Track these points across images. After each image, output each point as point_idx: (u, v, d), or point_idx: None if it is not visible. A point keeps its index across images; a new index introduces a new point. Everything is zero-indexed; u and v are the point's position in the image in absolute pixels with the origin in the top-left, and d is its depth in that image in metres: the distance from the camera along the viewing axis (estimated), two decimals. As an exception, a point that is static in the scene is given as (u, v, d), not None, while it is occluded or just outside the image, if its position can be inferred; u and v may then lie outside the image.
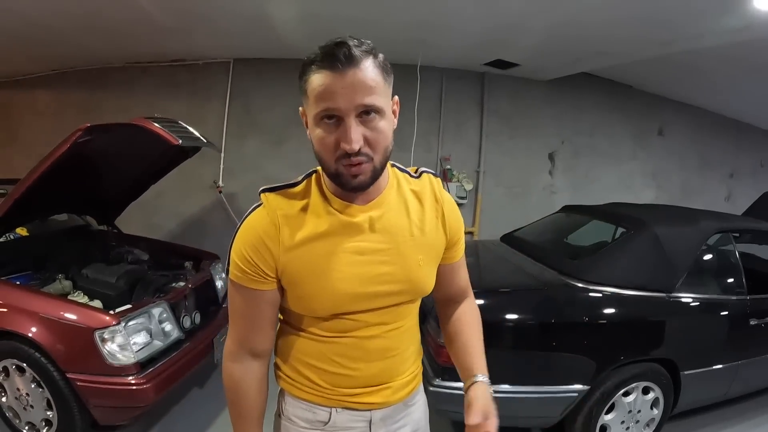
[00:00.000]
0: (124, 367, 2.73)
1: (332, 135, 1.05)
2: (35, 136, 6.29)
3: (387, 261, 1.20)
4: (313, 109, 1.06)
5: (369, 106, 1.04)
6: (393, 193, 1.24)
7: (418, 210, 1.27)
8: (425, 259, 1.27)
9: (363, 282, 1.18)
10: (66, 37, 4.98)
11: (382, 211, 1.20)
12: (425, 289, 1.30)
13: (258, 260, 1.15)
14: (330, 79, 1.02)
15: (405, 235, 1.23)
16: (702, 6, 3.53)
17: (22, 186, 3.06)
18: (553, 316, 2.88)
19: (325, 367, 1.25)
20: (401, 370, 1.34)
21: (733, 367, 3.29)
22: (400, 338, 1.31)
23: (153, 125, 2.99)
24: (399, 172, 1.30)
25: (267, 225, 1.15)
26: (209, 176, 6.04)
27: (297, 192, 1.20)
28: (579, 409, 2.90)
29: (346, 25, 4.44)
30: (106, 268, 3.64)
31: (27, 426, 2.98)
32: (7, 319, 2.82)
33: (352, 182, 1.09)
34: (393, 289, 1.22)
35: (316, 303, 1.19)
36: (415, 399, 1.43)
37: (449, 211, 1.33)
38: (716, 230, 3.39)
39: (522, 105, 6.46)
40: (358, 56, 1.02)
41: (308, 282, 1.17)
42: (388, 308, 1.24)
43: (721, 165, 7.59)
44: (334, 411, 1.28)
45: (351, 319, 1.22)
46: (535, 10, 3.90)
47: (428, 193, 1.30)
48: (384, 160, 1.12)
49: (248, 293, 1.19)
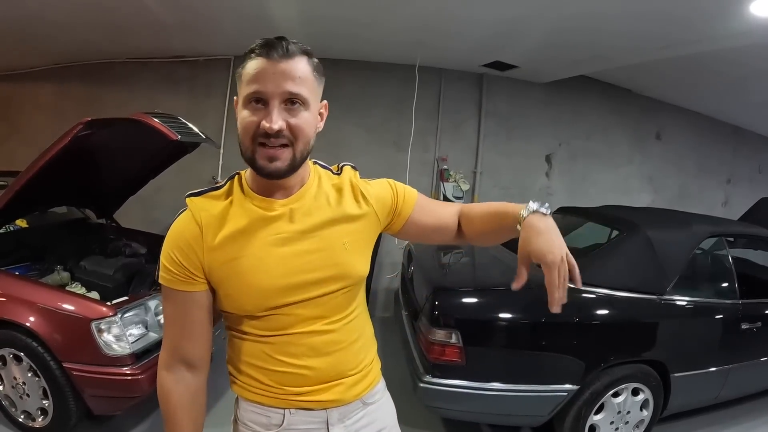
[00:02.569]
0: (120, 357, 2.75)
1: (255, 116, 1.10)
2: (36, 129, 6.30)
3: (310, 249, 1.21)
4: (243, 92, 1.13)
5: (295, 95, 1.10)
6: (314, 187, 1.27)
7: (337, 199, 1.29)
8: (351, 242, 1.27)
9: (289, 273, 1.19)
10: (68, 31, 4.99)
11: (301, 204, 1.23)
12: (356, 272, 1.28)
13: (184, 260, 1.17)
14: (264, 64, 1.09)
15: (327, 223, 1.24)
16: (700, 11, 3.55)
17: (23, 178, 3.08)
18: (544, 316, 2.89)
19: (273, 367, 1.24)
20: (352, 364, 1.32)
21: (724, 371, 3.32)
22: (344, 331, 1.30)
23: (152, 120, 3.01)
24: (321, 169, 1.34)
25: (191, 226, 1.18)
26: (208, 172, 6.05)
27: (220, 194, 1.24)
28: (568, 408, 2.93)
29: (345, 25, 4.47)
30: (104, 261, 3.67)
31: (23, 414, 3.01)
32: (6, 309, 2.85)
33: (268, 166, 1.12)
34: (321, 276, 1.22)
35: (244, 299, 1.19)
36: (374, 398, 1.41)
37: (365, 187, 1.35)
38: (709, 234, 3.41)
39: (520, 107, 6.47)
40: (294, 51, 1.10)
41: (234, 279, 1.18)
42: (322, 298, 1.23)
43: (718, 170, 7.60)
44: (287, 412, 1.26)
45: (285, 314, 1.21)
46: (534, 13, 3.91)
47: (346, 182, 1.33)
48: (304, 151, 1.16)
49: (177, 297, 1.20)
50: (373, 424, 1.38)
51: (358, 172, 1.39)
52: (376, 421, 1.39)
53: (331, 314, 1.26)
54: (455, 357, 2.77)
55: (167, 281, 1.19)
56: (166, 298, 1.23)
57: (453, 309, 2.93)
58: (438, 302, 2.90)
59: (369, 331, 1.43)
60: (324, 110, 1.25)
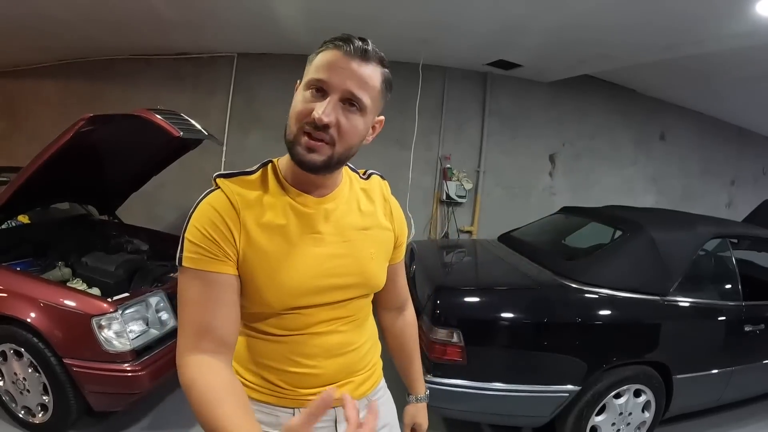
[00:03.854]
0: (120, 354, 2.74)
1: (310, 103, 1.05)
2: (39, 125, 6.33)
3: (341, 254, 1.20)
4: (308, 76, 1.08)
5: (356, 97, 1.06)
6: (346, 189, 1.25)
7: (368, 206, 1.29)
8: (376, 253, 1.28)
9: (319, 275, 1.17)
10: (72, 28, 5.01)
11: (335, 205, 1.21)
12: (377, 283, 1.31)
13: (218, 236, 1.07)
14: (337, 57, 1.05)
15: (357, 229, 1.24)
16: (705, 11, 3.54)
17: (25, 174, 3.09)
18: (546, 316, 2.89)
19: (285, 368, 1.21)
20: (361, 364, 1.33)
21: (727, 373, 3.29)
22: (357, 332, 1.31)
23: (155, 117, 3.01)
24: (350, 172, 1.32)
25: (227, 205, 1.10)
26: (210, 169, 5.95)
27: (253, 180, 1.17)
28: (570, 409, 2.91)
29: (350, 22, 4.47)
30: (105, 257, 3.67)
31: (23, 410, 3.00)
32: (7, 304, 2.84)
33: (305, 156, 1.06)
34: (347, 282, 1.21)
35: (271, 293, 1.13)
36: (377, 394, 1.42)
37: (396, 210, 1.38)
38: (713, 235, 3.39)
39: (524, 106, 6.47)
40: (371, 56, 1.07)
41: (264, 271, 1.11)
42: (342, 303, 1.23)
43: (722, 171, 7.59)
44: (296, 412, 1.24)
45: (305, 314, 1.18)
46: (539, 12, 3.91)
47: (377, 192, 1.34)
48: (344, 156, 1.11)
49: (206, 278, 1.07)
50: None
51: (388, 184, 1.39)
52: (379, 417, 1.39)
53: (346, 317, 1.26)
54: (457, 356, 2.76)
55: (194, 261, 1.06)
56: (189, 281, 1.07)
57: (455, 308, 2.92)
58: (440, 301, 2.90)
59: (376, 332, 1.44)
60: (378, 126, 1.21)
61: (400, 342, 1.56)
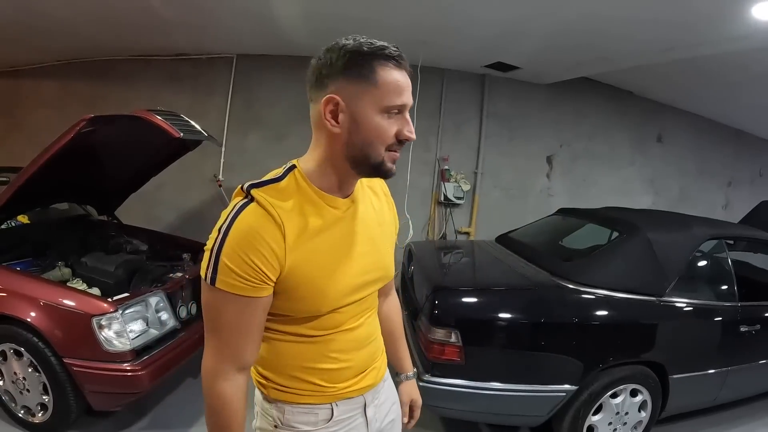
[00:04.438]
0: (120, 353, 2.75)
1: (394, 126, 1.12)
2: (39, 126, 6.33)
3: (369, 251, 1.28)
4: (383, 101, 1.08)
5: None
6: (359, 188, 1.30)
7: (377, 202, 1.39)
8: (390, 246, 1.41)
9: (359, 273, 1.24)
10: (71, 28, 5.01)
11: (357, 204, 1.27)
12: (392, 273, 1.44)
13: (259, 262, 1.06)
14: (401, 76, 1.11)
15: (375, 225, 1.32)
16: (702, 14, 3.56)
17: (25, 174, 3.09)
18: (544, 316, 2.91)
19: (323, 366, 1.25)
20: (379, 351, 1.45)
21: (722, 373, 3.31)
22: (374, 323, 1.42)
23: (155, 117, 3.02)
24: None
25: (268, 224, 1.07)
26: (209, 170, 6.08)
27: (285, 187, 1.15)
28: (567, 408, 2.93)
29: (348, 24, 4.48)
30: (105, 257, 3.67)
31: (23, 410, 3.01)
32: (7, 304, 2.85)
33: (392, 169, 1.17)
34: (375, 276, 1.32)
35: (319, 301, 1.16)
36: (386, 379, 1.52)
37: (393, 205, 1.49)
38: (709, 237, 3.41)
39: (522, 108, 6.48)
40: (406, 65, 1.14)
41: (314, 279, 1.13)
42: (369, 296, 1.33)
43: (719, 173, 7.60)
44: (334, 405, 1.30)
45: (342, 312, 1.24)
46: (537, 16, 3.92)
47: (379, 188, 1.43)
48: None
49: (244, 303, 1.08)
50: (389, 399, 1.51)
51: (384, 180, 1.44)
52: (389, 395, 1.52)
53: (368, 309, 1.36)
54: (454, 356, 2.77)
55: (233, 287, 1.06)
56: (224, 303, 1.09)
57: (453, 308, 2.93)
58: (438, 301, 2.91)
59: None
60: None
61: (388, 326, 1.62)
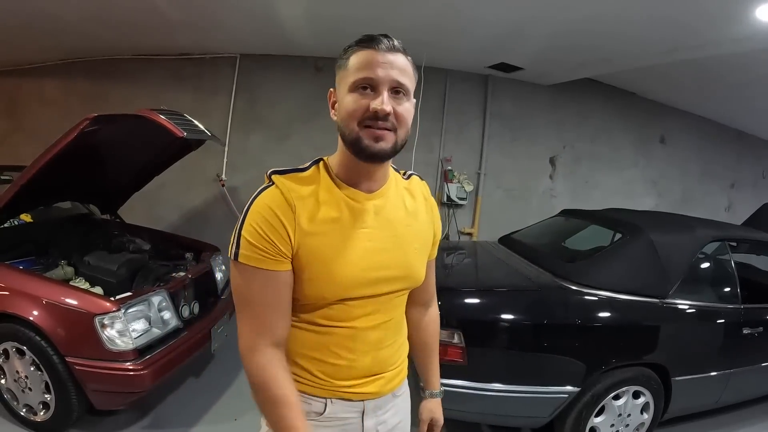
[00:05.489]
0: (123, 352, 2.76)
1: (364, 100, 1.12)
2: (41, 125, 6.33)
3: (388, 248, 1.26)
4: (350, 78, 1.14)
5: (401, 84, 1.14)
6: (392, 186, 1.31)
7: (411, 203, 1.34)
8: (419, 248, 1.34)
9: (369, 267, 1.22)
10: (74, 27, 5.01)
11: (384, 201, 1.27)
12: (419, 277, 1.35)
13: (275, 237, 1.13)
14: (373, 54, 1.12)
15: (403, 224, 1.29)
16: (705, 16, 3.55)
17: (28, 173, 3.09)
18: (546, 318, 2.91)
19: (325, 359, 1.26)
20: (392, 360, 1.38)
21: (725, 375, 3.30)
22: (392, 330, 1.36)
23: (158, 117, 3.02)
24: (394, 171, 1.36)
25: (282, 204, 1.15)
26: (212, 169, 6.08)
27: (306, 177, 1.22)
28: (569, 410, 2.93)
29: (352, 24, 4.47)
30: (107, 256, 3.67)
31: (25, 408, 3.01)
32: (9, 303, 2.85)
33: (373, 146, 1.13)
34: (393, 274, 1.27)
35: (325, 285, 1.18)
36: (402, 390, 1.46)
37: (435, 209, 1.45)
38: (712, 238, 3.41)
39: (525, 108, 6.48)
40: (398, 47, 1.15)
41: (319, 264, 1.17)
42: (385, 296, 1.28)
43: (722, 175, 7.60)
44: (329, 401, 1.29)
45: (352, 306, 1.24)
46: (540, 15, 3.92)
47: (418, 191, 1.40)
48: (403, 140, 1.18)
49: (266, 276, 1.15)
50: (396, 416, 1.44)
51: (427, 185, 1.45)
52: (399, 411, 1.46)
53: (387, 312, 1.31)
54: (457, 357, 2.77)
55: (251, 259, 1.13)
56: (248, 278, 1.16)
57: (456, 309, 2.93)
58: (440, 302, 2.89)
59: (406, 332, 1.49)
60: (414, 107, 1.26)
61: (423, 337, 1.59)
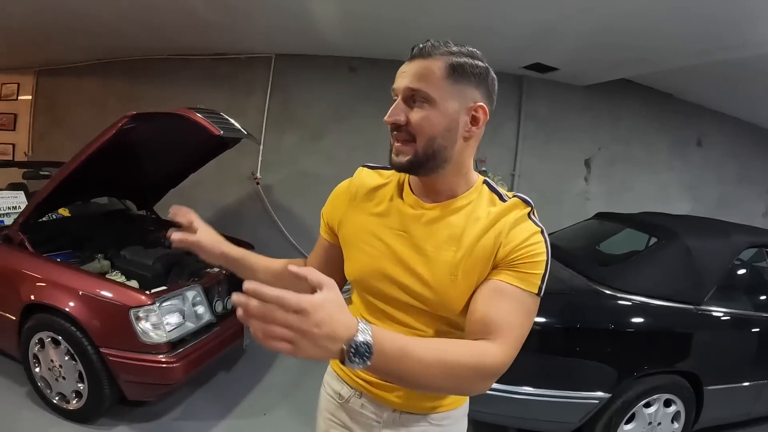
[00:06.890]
0: (156, 345, 2.81)
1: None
2: (79, 122, 6.50)
3: (420, 261, 1.18)
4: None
5: (414, 90, 1.11)
6: (464, 203, 1.20)
7: (479, 231, 1.16)
8: (463, 279, 1.15)
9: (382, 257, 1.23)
10: (111, 27, 5.12)
11: (440, 215, 1.20)
12: (453, 307, 1.17)
13: (326, 213, 1.39)
14: (402, 66, 1.16)
15: (450, 247, 1.16)
16: (746, 14, 3.47)
17: (67, 169, 3.16)
18: (579, 321, 2.88)
19: None
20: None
21: (758, 386, 3.25)
22: None
23: (196, 115, 3.07)
24: (487, 190, 1.24)
25: (345, 189, 1.36)
26: (247, 168, 6.15)
27: (387, 174, 1.34)
28: (599, 416, 2.90)
29: (385, 24, 4.49)
30: (143, 251, 3.75)
31: (57, 396, 3.09)
32: (47, 294, 2.94)
33: (392, 159, 1.18)
34: (417, 289, 1.18)
35: (352, 265, 1.30)
36: (443, 422, 1.33)
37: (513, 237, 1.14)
38: (749, 245, 3.34)
39: (559, 110, 6.40)
40: (431, 51, 1.12)
41: (352, 245, 1.30)
42: (413, 309, 1.21)
43: (759, 179, 7.40)
44: (356, 393, 1.34)
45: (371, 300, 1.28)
46: (574, 15, 3.88)
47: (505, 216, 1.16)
48: (429, 149, 1.12)
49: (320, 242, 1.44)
50: None
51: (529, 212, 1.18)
52: None
53: (416, 326, 1.22)
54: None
55: (321, 228, 1.43)
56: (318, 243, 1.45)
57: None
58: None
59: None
60: (478, 113, 1.17)
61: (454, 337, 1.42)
